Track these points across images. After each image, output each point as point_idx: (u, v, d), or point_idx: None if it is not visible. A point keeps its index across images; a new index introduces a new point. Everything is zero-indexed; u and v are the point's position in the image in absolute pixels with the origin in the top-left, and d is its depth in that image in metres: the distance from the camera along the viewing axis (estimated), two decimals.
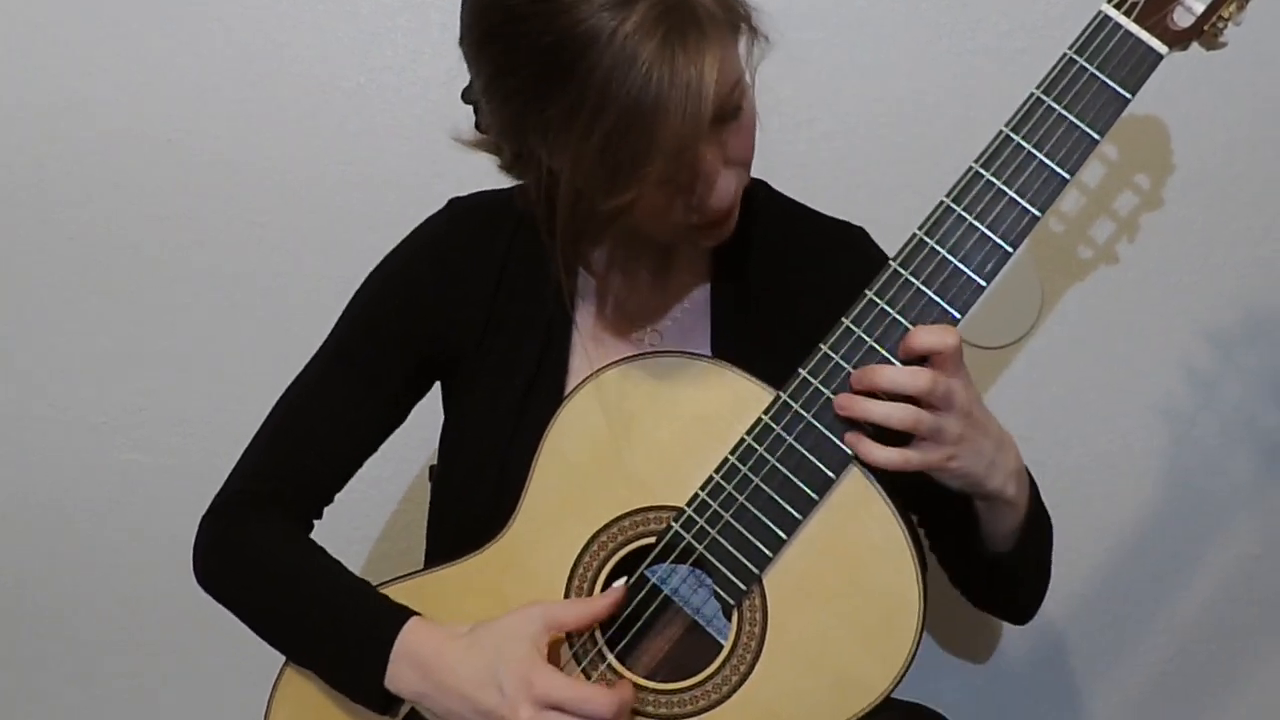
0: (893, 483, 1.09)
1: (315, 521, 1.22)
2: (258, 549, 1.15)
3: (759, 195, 1.22)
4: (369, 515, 1.71)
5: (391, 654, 1.05)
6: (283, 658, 1.15)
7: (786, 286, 1.19)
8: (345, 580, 1.13)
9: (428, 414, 1.26)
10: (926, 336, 0.97)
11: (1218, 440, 1.62)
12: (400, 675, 1.05)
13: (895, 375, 0.97)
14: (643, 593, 1.07)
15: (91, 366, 1.70)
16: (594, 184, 0.96)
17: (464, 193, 1.26)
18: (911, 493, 1.11)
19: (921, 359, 0.98)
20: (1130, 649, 1.69)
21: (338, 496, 1.24)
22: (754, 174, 1.23)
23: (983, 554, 1.12)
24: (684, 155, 0.96)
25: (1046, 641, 1.70)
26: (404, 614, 1.08)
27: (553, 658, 1.04)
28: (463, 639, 1.04)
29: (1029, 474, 1.09)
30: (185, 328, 1.69)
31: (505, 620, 1.03)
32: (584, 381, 1.09)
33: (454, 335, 1.19)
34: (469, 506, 1.18)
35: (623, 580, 1.06)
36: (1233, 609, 1.66)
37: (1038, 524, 1.11)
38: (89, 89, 1.63)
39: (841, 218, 1.27)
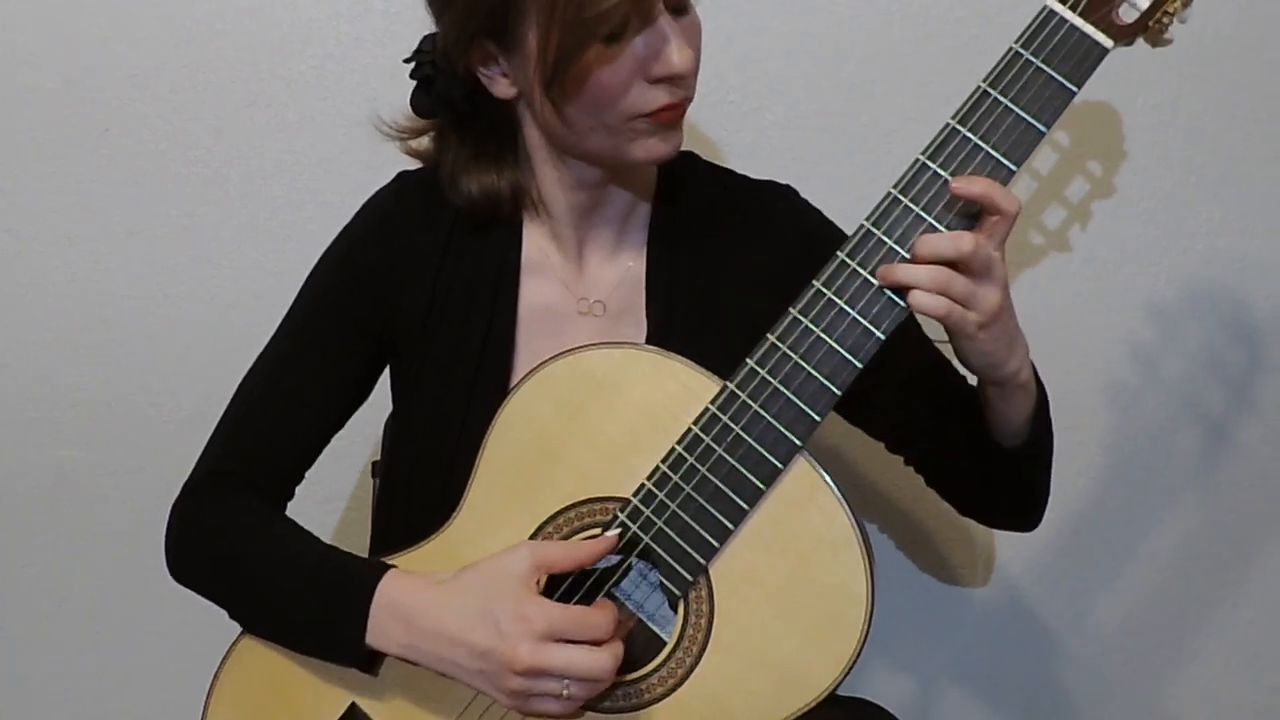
0: (894, 407, 1.16)
1: (288, 501, 1.21)
2: (230, 530, 1.14)
3: (689, 165, 1.24)
4: (312, 514, 1.68)
5: (371, 608, 1.04)
6: (219, 655, 1.13)
7: (719, 250, 1.21)
8: (317, 546, 1.11)
9: (370, 409, 1.25)
10: (989, 186, 0.97)
11: (1169, 430, 1.64)
12: (383, 629, 1.04)
13: (937, 240, 0.97)
14: (586, 585, 1.07)
15: (24, 360, 1.67)
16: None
17: None
18: (927, 404, 1.15)
19: (970, 219, 0.98)
20: (1078, 632, 1.71)
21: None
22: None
23: (997, 451, 1.13)
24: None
25: (993, 628, 1.71)
26: (381, 567, 1.06)
27: None
28: (446, 584, 1.03)
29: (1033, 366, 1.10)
30: (122, 320, 1.66)
31: (491, 561, 1.02)
32: (531, 373, 1.08)
33: (402, 308, 1.19)
34: (416, 497, 1.18)
35: (616, 530, 1.04)
36: (1179, 587, 1.69)
37: (1046, 413, 1.13)
38: (24, 77, 1.60)
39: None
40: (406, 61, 1.17)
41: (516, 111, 1.15)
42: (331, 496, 1.69)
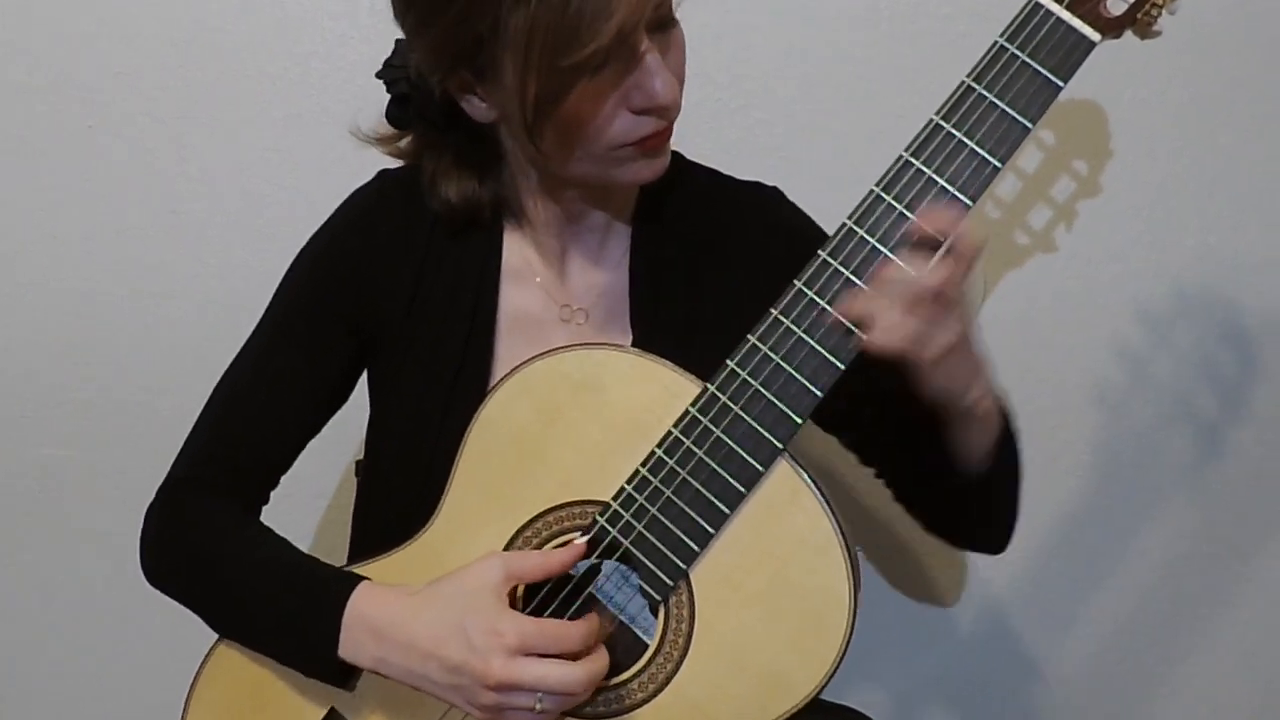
0: (867, 417, 1.13)
1: (263, 506, 1.21)
2: (204, 534, 1.13)
3: (674, 165, 1.21)
4: (292, 514, 1.68)
5: (343, 621, 1.03)
6: (199, 658, 1.13)
7: (704, 254, 1.19)
8: (292, 556, 1.11)
9: (354, 409, 1.24)
10: (959, 221, 0.95)
11: (1159, 429, 1.62)
12: (355, 642, 1.03)
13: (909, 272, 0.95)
14: (567, 589, 1.06)
15: (11, 358, 1.67)
16: (554, 41, 0.96)
17: None
18: (889, 426, 1.13)
19: (931, 246, 0.96)
20: (1070, 634, 1.70)
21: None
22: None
23: (958, 478, 1.10)
24: (632, 32, 0.98)
25: (983, 630, 1.70)
26: (352, 580, 1.05)
27: None
28: (418, 596, 1.02)
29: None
30: (106, 319, 1.65)
31: (463, 573, 1.01)
32: (510, 374, 1.06)
33: (382, 304, 1.18)
34: (395, 500, 1.17)
35: (584, 537, 1.03)
36: (1173, 587, 1.68)
37: (1010, 441, 1.11)
38: (8, 73, 1.59)
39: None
40: (378, 76, 1.15)
41: (498, 128, 1.13)
42: (318, 494, 1.68)
